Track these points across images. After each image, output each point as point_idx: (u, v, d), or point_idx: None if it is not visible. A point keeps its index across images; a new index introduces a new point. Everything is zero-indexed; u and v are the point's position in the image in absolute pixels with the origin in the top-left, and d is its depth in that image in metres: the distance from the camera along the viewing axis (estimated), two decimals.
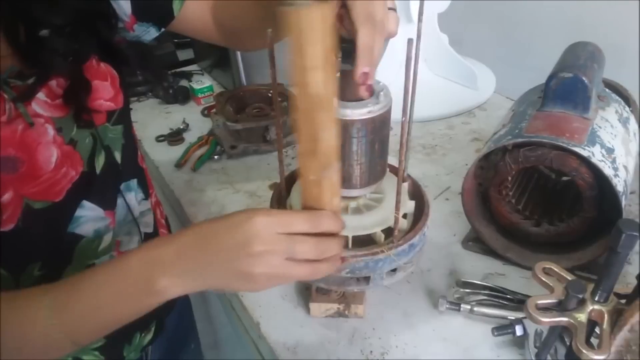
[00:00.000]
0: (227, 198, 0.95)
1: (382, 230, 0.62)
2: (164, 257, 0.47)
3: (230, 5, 0.71)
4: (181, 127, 1.19)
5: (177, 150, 1.10)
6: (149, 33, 0.71)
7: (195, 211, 0.92)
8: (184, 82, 1.40)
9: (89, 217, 0.61)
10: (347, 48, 0.52)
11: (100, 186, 0.62)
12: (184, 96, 1.33)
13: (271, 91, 1.16)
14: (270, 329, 0.68)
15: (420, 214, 0.65)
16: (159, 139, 1.16)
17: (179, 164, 1.05)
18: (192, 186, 0.99)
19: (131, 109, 1.31)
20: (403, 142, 0.57)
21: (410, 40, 0.48)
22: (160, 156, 1.10)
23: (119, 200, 0.65)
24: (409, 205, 0.67)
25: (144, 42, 0.73)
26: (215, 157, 1.07)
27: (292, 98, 0.45)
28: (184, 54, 1.61)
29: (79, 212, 0.59)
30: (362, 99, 0.56)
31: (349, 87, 0.56)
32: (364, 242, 0.62)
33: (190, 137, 1.15)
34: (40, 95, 0.53)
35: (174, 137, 1.14)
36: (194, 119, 1.23)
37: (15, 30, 0.51)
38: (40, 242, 0.57)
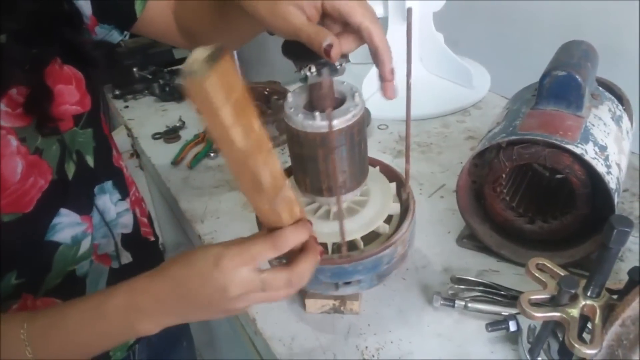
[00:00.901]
0: (223, 195, 0.95)
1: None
2: (142, 304, 0.48)
3: (187, 6, 0.70)
4: (177, 124, 1.19)
5: (174, 148, 1.10)
6: (112, 36, 0.69)
7: (191, 208, 0.92)
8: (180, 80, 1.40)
9: (65, 223, 0.60)
10: (322, 62, 0.51)
11: (74, 192, 0.61)
12: (180, 94, 1.33)
13: (267, 89, 1.17)
14: (266, 325, 0.68)
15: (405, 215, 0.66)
16: (155, 136, 1.16)
17: (175, 162, 1.05)
18: (189, 184, 0.99)
19: (127, 106, 1.33)
20: (408, 139, 0.57)
21: (409, 10, 0.48)
22: (156, 154, 1.10)
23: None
24: (393, 208, 0.68)
25: (111, 43, 0.71)
26: (212, 154, 1.07)
27: (289, 126, 0.44)
28: (180, 52, 1.61)
29: (54, 220, 0.59)
30: (338, 106, 0.56)
31: (322, 99, 0.56)
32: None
33: (186, 135, 1.15)
34: (1, 106, 0.52)
35: (170, 134, 1.14)
36: (191, 117, 1.23)
37: None
38: (16, 252, 0.57)
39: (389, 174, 0.72)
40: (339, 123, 0.55)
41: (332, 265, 0.60)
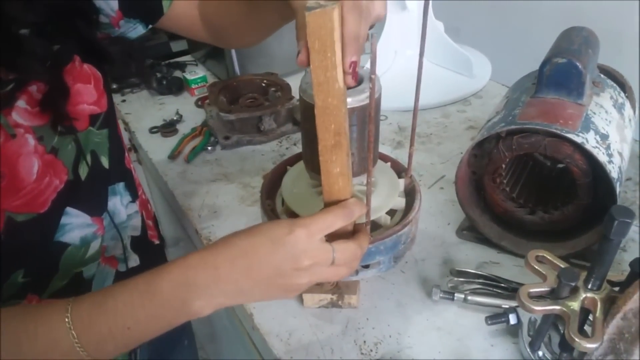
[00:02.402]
0: (220, 189, 0.94)
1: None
2: (199, 280, 0.46)
3: (216, 1, 0.70)
4: (175, 118, 1.18)
5: (171, 142, 1.09)
6: (135, 30, 0.69)
7: (189, 202, 0.91)
8: (177, 73, 1.39)
9: (75, 224, 0.59)
10: None
11: (87, 193, 0.60)
12: (178, 87, 1.32)
13: (265, 80, 1.16)
14: (264, 320, 0.67)
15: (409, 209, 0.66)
16: (153, 130, 1.15)
17: (173, 156, 1.04)
18: (186, 177, 0.98)
19: (124, 100, 1.32)
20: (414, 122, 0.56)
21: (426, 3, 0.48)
22: (153, 148, 1.09)
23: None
24: (398, 202, 0.67)
25: (129, 38, 0.70)
26: (209, 148, 1.06)
27: (304, 101, 0.44)
28: (177, 45, 1.60)
29: (64, 220, 0.58)
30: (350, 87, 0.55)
31: None
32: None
33: (183, 129, 1.14)
34: (21, 103, 0.51)
35: (168, 128, 1.13)
36: (188, 110, 1.22)
37: None
38: (25, 252, 0.56)
39: (397, 169, 0.72)
40: (352, 102, 0.55)
41: None
